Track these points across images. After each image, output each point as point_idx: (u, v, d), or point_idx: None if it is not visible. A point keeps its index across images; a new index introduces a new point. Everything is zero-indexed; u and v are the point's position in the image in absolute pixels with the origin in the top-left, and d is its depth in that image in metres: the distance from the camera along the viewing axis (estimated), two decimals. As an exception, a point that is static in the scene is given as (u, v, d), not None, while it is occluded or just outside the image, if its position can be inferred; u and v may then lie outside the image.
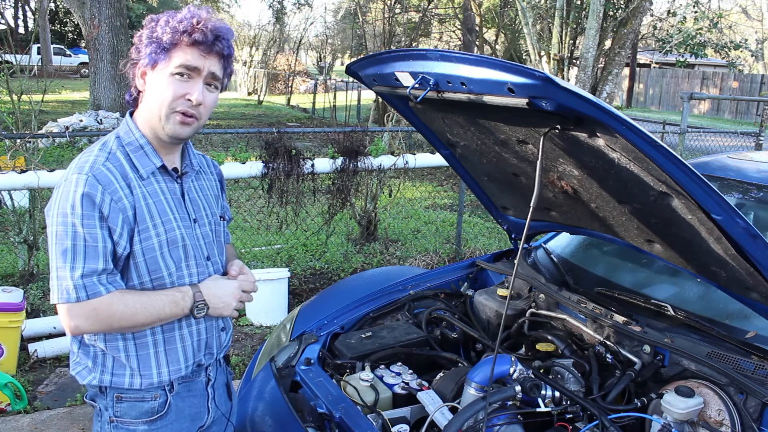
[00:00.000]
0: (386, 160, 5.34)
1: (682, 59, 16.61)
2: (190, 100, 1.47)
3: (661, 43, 14.24)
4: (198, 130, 1.55)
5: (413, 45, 17.20)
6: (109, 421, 1.54)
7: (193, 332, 1.59)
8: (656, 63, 30.66)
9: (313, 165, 5.02)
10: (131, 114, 1.57)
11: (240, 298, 1.64)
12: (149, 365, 1.54)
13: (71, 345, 1.58)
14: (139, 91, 1.54)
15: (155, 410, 1.55)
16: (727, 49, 14.82)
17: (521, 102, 1.54)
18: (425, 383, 2.09)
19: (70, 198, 1.39)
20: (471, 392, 1.86)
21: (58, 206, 1.40)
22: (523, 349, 2.35)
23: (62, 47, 31.06)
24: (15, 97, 5.15)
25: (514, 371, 1.89)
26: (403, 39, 17.61)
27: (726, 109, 26.57)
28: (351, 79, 2.47)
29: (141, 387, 1.53)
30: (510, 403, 1.85)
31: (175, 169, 1.58)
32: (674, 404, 1.72)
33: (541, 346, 2.23)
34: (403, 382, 2.08)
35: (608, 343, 2.15)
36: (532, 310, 2.45)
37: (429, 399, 1.95)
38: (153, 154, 1.52)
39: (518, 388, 1.83)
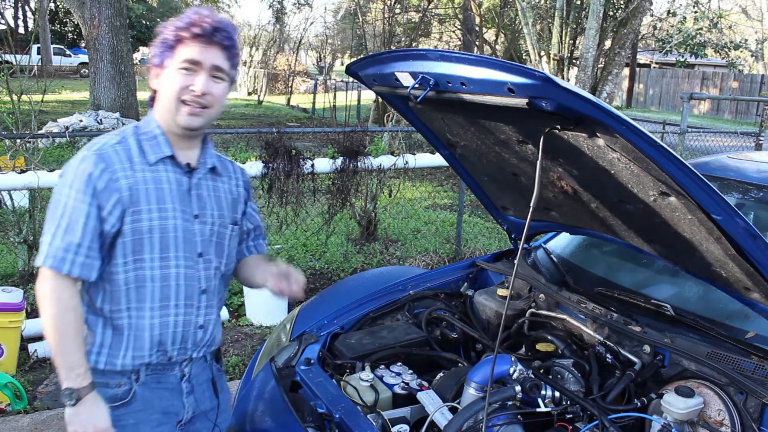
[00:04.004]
0: (386, 160, 5.34)
1: (682, 59, 16.63)
2: (193, 90, 1.53)
3: (661, 43, 14.25)
4: (210, 121, 1.62)
5: (413, 45, 17.20)
6: None
7: (168, 323, 1.61)
8: (656, 63, 30.66)
9: (313, 165, 5.01)
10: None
11: None
12: (119, 347, 1.58)
13: None
14: (155, 91, 1.61)
15: (118, 397, 1.58)
16: (727, 49, 14.83)
17: (521, 102, 1.54)
18: (425, 383, 2.09)
19: (71, 172, 1.52)
20: (471, 392, 1.86)
21: (63, 179, 1.53)
22: (523, 349, 2.35)
23: (62, 47, 31.05)
24: (15, 97, 5.15)
25: (514, 371, 1.89)
26: (403, 39, 17.61)
27: (726, 109, 26.57)
28: (351, 79, 2.46)
29: (104, 368, 1.57)
30: (510, 403, 1.85)
31: (188, 164, 1.63)
32: (674, 404, 1.72)
33: (541, 346, 2.23)
34: (403, 382, 2.08)
35: (608, 343, 2.15)
36: (532, 310, 2.45)
37: (429, 399, 1.96)
38: (165, 144, 1.59)
39: (518, 388, 1.83)
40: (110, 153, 1.54)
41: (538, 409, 1.84)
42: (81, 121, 11.34)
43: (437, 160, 5.45)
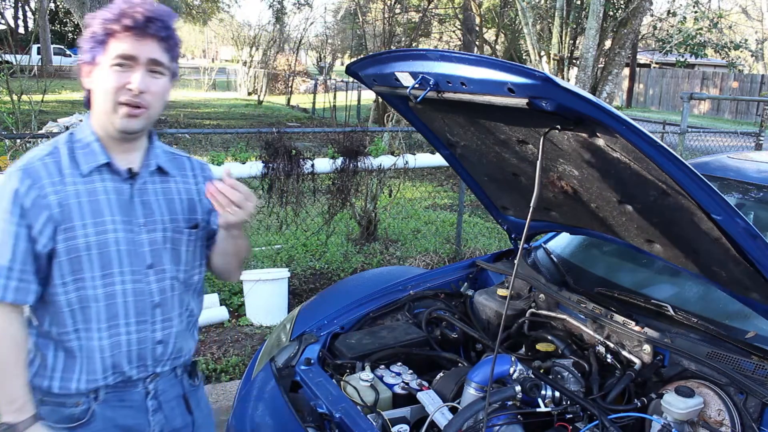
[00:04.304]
0: (386, 160, 5.34)
1: (682, 59, 16.62)
2: (130, 89, 1.39)
3: (661, 43, 14.25)
4: (151, 121, 1.48)
5: (413, 45, 17.20)
6: None
7: (120, 343, 1.49)
8: (656, 63, 30.65)
9: (313, 165, 5.02)
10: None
11: None
12: (72, 369, 1.47)
13: None
14: (89, 91, 1.47)
15: (75, 417, 1.48)
16: (727, 49, 14.83)
17: (521, 102, 1.54)
18: (425, 383, 2.09)
19: (2, 193, 1.40)
20: (471, 392, 1.86)
21: None
22: (523, 349, 2.35)
23: (62, 47, 31.04)
24: (15, 97, 5.16)
25: (514, 371, 1.89)
26: (403, 39, 17.61)
27: (726, 109, 26.56)
28: (351, 79, 2.46)
29: (58, 391, 1.47)
30: (510, 403, 1.85)
31: (129, 170, 1.50)
32: (674, 404, 1.72)
33: (541, 346, 2.23)
34: (403, 382, 2.09)
35: (608, 343, 2.15)
36: (532, 310, 2.46)
37: (429, 399, 1.96)
38: (100, 152, 1.46)
39: (518, 388, 1.83)
40: (38, 167, 1.41)
41: (538, 409, 1.84)
42: (81, 121, 11.33)
43: (437, 160, 5.45)
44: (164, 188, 1.57)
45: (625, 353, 2.09)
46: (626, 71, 26.44)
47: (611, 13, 8.20)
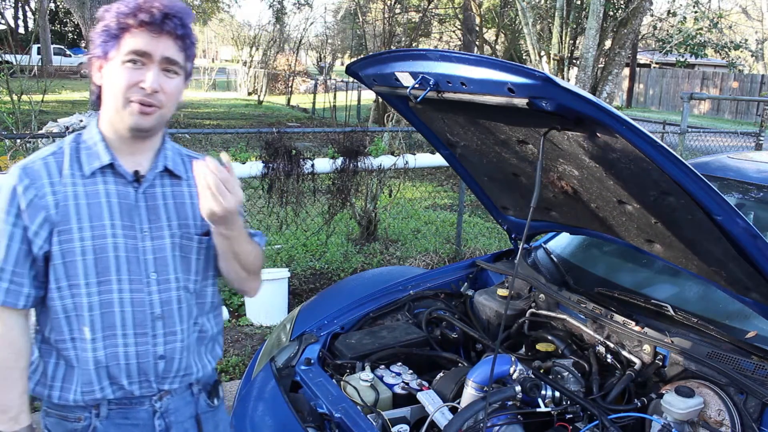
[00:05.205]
0: (386, 160, 5.34)
1: (682, 59, 16.60)
2: (143, 87, 1.33)
3: (661, 43, 14.23)
4: (163, 121, 1.41)
5: (413, 45, 17.20)
6: None
7: (117, 355, 1.41)
8: (656, 63, 30.64)
9: (313, 165, 5.02)
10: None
11: None
12: (71, 380, 1.41)
13: None
14: (99, 87, 1.40)
15: None
16: (727, 49, 14.81)
17: (521, 102, 1.54)
18: (425, 383, 2.09)
19: (1, 191, 1.36)
20: (471, 392, 1.86)
21: None
22: (523, 349, 2.35)
23: (62, 47, 31.05)
24: (15, 97, 5.16)
25: (514, 371, 1.89)
26: (403, 39, 17.60)
27: (726, 109, 26.56)
28: (351, 79, 2.46)
29: (58, 402, 1.42)
30: (510, 403, 1.85)
31: (136, 172, 1.42)
32: (674, 404, 1.72)
33: (541, 346, 2.23)
34: (403, 382, 2.09)
35: (608, 343, 2.15)
36: (532, 310, 2.46)
37: (429, 399, 1.96)
38: (104, 152, 1.39)
39: (518, 388, 1.83)
40: (38, 167, 1.37)
41: (538, 409, 1.84)
42: (81, 121, 11.30)
43: (437, 160, 5.45)
44: (174, 192, 1.48)
45: (625, 353, 2.09)
46: (626, 71, 26.43)
47: (611, 13, 8.19)
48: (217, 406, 1.60)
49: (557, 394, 1.88)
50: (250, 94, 26.76)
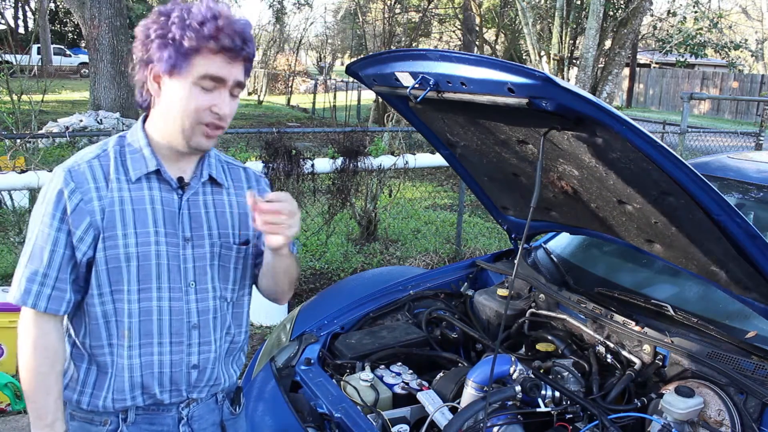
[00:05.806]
0: (386, 160, 5.34)
1: (682, 59, 16.61)
2: (216, 113, 1.32)
3: (661, 43, 14.24)
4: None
5: (413, 45, 17.20)
6: None
7: (152, 363, 1.40)
8: (656, 63, 30.65)
9: (313, 165, 5.01)
10: (144, 119, 1.42)
11: None
12: (102, 387, 1.39)
13: None
14: (152, 96, 1.37)
15: None
16: (727, 49, 14.82)
17: (521, 102, 1.54)
18: (425, 383, 2.09)
19: (43, 192, 1.35)
20: (471, 392, 1.86)
21: (39, 199, 1.36)
22: (523, 349, 2.35)
23: (62, 47, 31.05)
24: (15, 97, 5.16)
25: (514, 371, 1.89)
26: (403, 39, 17.60)
27: (726, 109, 26.56)
28: (351, 79, 2.46)
29: (87, 407, 1.40)
30: (510, 403, 1.85)
31: (180, 179, 1.40)
32: (674, 404, 1.72)
33: (541, 346, 2.23)
34: (403, 382, 2.09)
35: (608, 343, 2.15)
36: (532, 310, 2.46)
37: (429, 399, 1.96)
38: (150, 158, 1.37)
39: (518, 388, 1.83)
40: (84, 170, 1.34)
41: (538, 409, 1.84)
42: (81, 121, 11.33)
43: (437, 160, 5.45)
44: (216, 200, 1.46)
45: (625, 353, 2.09)
46: (626, 71, 26.43)
47: (611, 13, 8.20)
48: (238, 414, 1.60)
49: (557, 394, 1.88)
50: (250, 94, 26.75)
